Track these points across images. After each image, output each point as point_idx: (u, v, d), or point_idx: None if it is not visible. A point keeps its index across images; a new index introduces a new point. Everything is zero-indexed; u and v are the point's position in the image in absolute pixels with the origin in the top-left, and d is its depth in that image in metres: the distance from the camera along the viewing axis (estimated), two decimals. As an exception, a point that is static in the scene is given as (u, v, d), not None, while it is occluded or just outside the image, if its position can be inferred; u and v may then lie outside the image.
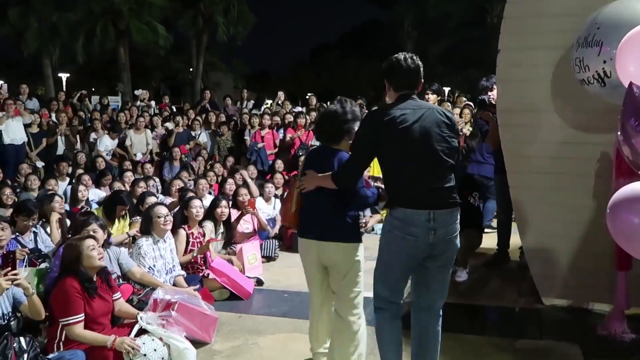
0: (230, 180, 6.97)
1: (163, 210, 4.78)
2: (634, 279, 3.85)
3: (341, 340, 3.22)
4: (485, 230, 6.11)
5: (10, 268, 3.22)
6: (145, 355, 3.33)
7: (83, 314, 3.41)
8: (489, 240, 5.83)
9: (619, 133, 3.16)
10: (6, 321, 3.38)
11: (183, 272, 4.81)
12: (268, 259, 6.08)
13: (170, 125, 10.38)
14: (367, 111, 10.70)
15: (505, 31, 4.40)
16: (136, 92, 13.93)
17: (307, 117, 10.16)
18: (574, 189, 4.24)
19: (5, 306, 3.40)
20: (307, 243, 3.30)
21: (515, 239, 5.60)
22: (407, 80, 2.93)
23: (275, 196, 7.27)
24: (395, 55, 2.97)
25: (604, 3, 3.58)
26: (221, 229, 5.70)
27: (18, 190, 6.86)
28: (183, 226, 5.20)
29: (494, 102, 5.24)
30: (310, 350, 3.49)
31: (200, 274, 4.96)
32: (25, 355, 3.20)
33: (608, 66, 3.38)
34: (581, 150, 4.17)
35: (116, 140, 9.77)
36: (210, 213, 5.59)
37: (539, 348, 3.74)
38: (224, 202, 5.69)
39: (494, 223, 6.33)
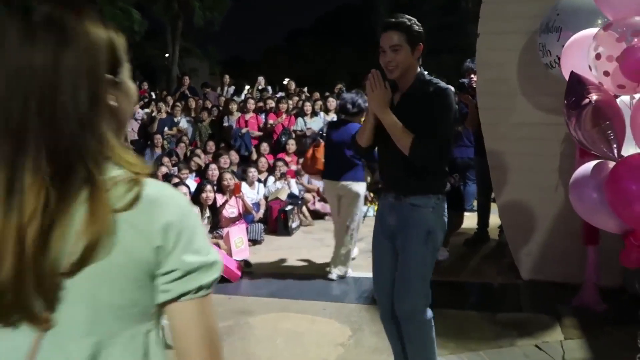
0: (213, 166, 7.02)
1: None
2: (604, 253, 4.06)
3: None
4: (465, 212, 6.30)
5: None
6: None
7: None
8: (469, 221, 6.03)
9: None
10: None
11: None
12: (254, 242, 6.17)
13: (148, 111, 10.34)
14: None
15: (484, 15, 4.53)
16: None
17: (289, 102, 10.22)
18: (549, 169, 4.42)
19: None
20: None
21: (494, 219, 5.81)
22: None
23: (259, 180, 7.34)
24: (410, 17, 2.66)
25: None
26: (207, 214, 5.76)
27: None
28: None
29: (474, 86, 5.37)
30: None
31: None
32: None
33: None
34: (553, 131, 4.33)
35: None
36: (195, 198, 5.64)
37: (517, 320, 3.90)
38: (208, 187, 5.76)
39: (475, 206, 6.50)
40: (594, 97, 2.90)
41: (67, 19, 0.84)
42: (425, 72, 2.70)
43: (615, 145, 2.89)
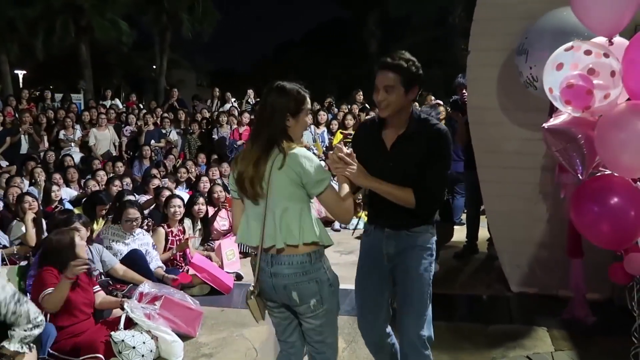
0: (204, 178, 7.04)
1: (134, 214, 4.90)
2: (593, 266, 4.13)
3: None
4: (455, 226, 6.37)
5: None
6: (134, 347, 3.42)
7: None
8: (458, 234, 6.09)
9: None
10: None
11: (162, 265, 4.89)
12: (245, 254, 6.16)
13: (134, 129, 10.31)
14: (335, 110, 10.91)
15: (475, 33, 4.63)
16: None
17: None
18: (536, 182, 4.51)
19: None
20: None
21: (483, 232, 5.88)
22: None
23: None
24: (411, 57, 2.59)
25: (561, 6, 3.81)
26: (199, 226, 5.77)
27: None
28: (162, 224, 5.26)
29: (465, 101, 5.46)
30: None
31: (180, 270, 5.03)
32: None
33: (534, 72, 3.69)
34: (540, 146, 4.41)
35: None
36: (187, 210, 5.65)
37: (508, 332, 3.95)
38: (201, 200, 5.77)
39: (464, 219, 6.58)
40: (558, 119, 3.04)
41: (281, 86, 2.43)
42: (418, 109, 2.65)
43: (580, 166, 3.00)
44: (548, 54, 3.26)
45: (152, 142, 9.67)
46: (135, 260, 4.59)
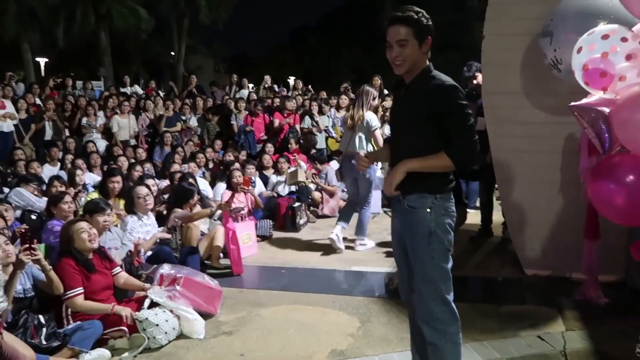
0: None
1: (143, 191, 5.14)
2: (606, 248, 4.18)
3: None
4: (470, 209, 6.46)
5: (28, 245, 3.40)
6: (157, 325, 3.57)
7: (81, 288, 3.69)
8: (473, 218, 6.16)
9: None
10: (27, 296, 3.57)
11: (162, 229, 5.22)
12: (263, 238, 6.32)
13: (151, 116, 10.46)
14: (352, 95, 10.95)
15: (490, 17, 4.64)
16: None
17: (295, 100, 10.35)
18: (551, 166, 4.54)
19: (25, 282, 3.59)
20: None
21: (498, 216, 5.94)
22: None
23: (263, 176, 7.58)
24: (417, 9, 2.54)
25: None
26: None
27: (10, 177, 7.00)
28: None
29: (474, 93, 5.54)
30: None
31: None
32: (44, 330, 3.39)
33: (559, 54, 3.72)
34: (555, 129, 4.45)
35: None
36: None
37: (521, 312, 4.02)
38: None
39: (478, 203, 6.63)
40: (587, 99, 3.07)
41: None
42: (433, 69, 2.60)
43: (607, 142, 3.03)
44: (574, 36, 3.31)
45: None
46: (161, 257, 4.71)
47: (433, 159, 2.51)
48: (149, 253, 4.81)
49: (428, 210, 2.56)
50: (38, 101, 10.50)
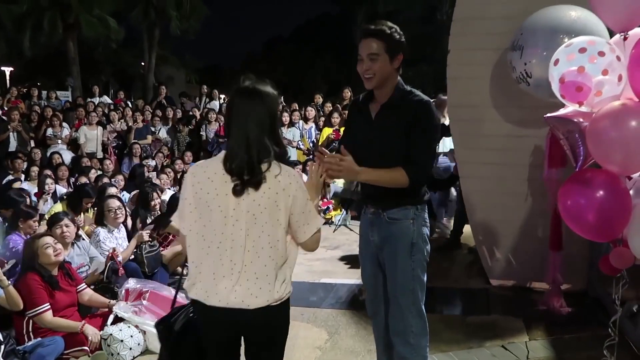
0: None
1: (114, 204, 5.00)
2: (569, 259, 4.28)
3: None
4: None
5: (-13, 262, 3.32)
6: (122, 341, 3.51)
7: (48, 304, 3.59)
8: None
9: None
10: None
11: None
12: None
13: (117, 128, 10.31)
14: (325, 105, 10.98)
15: (454, 32, 4.73)
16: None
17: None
18: (516, 178, 4.63)
19: (-17, 299, 3.50)
20: None
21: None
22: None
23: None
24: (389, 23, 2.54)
25: (539, 8, 3.93)
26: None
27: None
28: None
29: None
30: None
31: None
32: (2, 347, 3.31)
33: (529, 67, 3.79)
34: (520, 142, 4.55)
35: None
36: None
37: (486, 323, 4.09)
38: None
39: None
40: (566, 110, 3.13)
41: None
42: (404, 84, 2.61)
43: (581, 156, 3.09)
44: (545, 50, 3.39)
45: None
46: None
47: (391, 172, 2.46)
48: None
49: (411, 220, 2.57)
50: (0, 112, 10.25)
